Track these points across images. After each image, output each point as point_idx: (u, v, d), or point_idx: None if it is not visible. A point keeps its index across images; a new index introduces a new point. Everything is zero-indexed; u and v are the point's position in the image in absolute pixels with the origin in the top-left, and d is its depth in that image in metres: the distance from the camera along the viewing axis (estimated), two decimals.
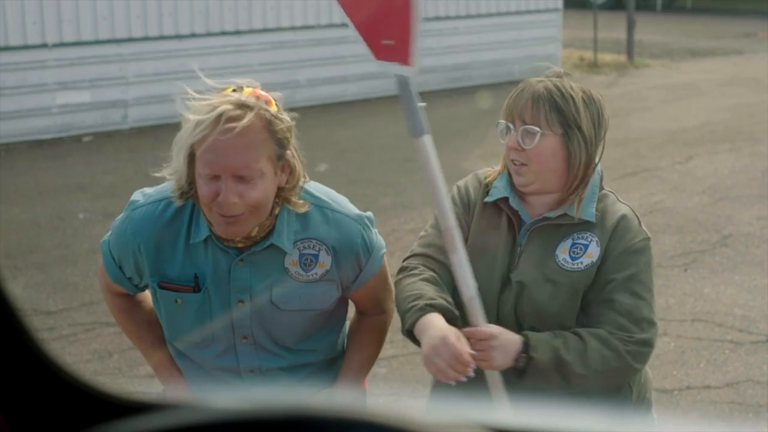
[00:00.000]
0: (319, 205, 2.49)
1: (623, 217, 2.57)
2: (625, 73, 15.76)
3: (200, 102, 2.33)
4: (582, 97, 2.53)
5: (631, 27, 16.71)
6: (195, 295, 2.46)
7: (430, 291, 2.51)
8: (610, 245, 2.53)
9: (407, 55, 2.33)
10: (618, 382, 2.59)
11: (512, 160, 2.54)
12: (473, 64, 14.35)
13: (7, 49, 10.44)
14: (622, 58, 16.75)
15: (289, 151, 2.37)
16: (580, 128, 2.51)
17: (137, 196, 2.55)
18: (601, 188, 2.62)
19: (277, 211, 2.42)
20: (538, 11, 15.22)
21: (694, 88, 14.07)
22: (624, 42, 16.98)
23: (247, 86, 2.37)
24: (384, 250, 2.60)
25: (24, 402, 0.90)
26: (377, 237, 2.60)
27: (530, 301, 2.53)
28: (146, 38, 11.37)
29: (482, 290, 2.47)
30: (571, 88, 2.54)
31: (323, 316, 2.57)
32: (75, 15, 10.82)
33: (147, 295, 2.68)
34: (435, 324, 2.39)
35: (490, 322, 2.47)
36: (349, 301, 2.68)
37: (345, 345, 2.73)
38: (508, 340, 2.43)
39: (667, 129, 11.28)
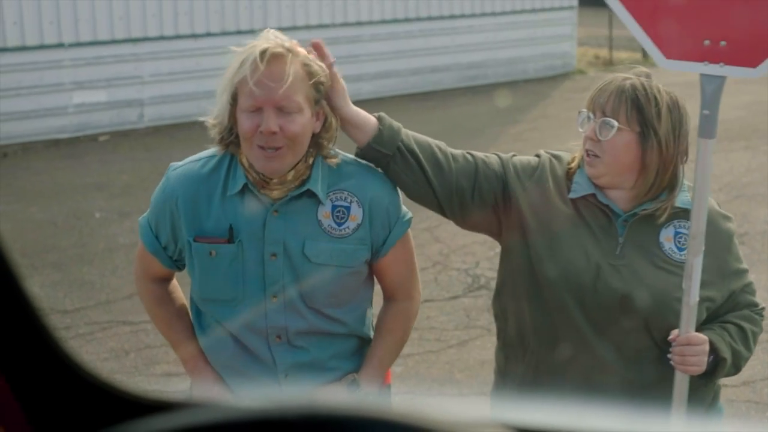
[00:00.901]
0: (351, 162, 2.61)
1: (711, 205, 2.65)
2: None
3: (240, 49, 2.48)
4: (667, 102, 2.56)
5: None
6: (229, 246, 2.52)
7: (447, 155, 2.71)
8: (711, 236, 2.59)
9: (751, 57, 2.40)
10: None
11: (587, 150, 2.59)
12: (488, 62, 14.33)
13: (23, 48, 10.49)
14: (638, 55, 16.69)
15: (324, 102, 2.50)
16: (656, 131, 2.54)
17: (174, 164, 2.66)
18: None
19: (311, 161, 2.52)
20: (553, 9, 15.19)
21: None
22: None
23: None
24: (410, 215, 2.66)
25: (44, 400, 0.91)
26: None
27: (646, 289, 2.57)
28: (162, 38, 11.41)
29: (576, 275, 2.56)
30: (658, 91, 2.56)
31: (352, 279, 2.59)
32: (91, 15, 10.86)
33: (178, 288, 2.76)
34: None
35: (583, 310, 2.56)
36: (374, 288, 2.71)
37: (371, 336, 2.75)
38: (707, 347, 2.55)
39: None
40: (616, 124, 2.52)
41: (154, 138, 10.88)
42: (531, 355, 2.73)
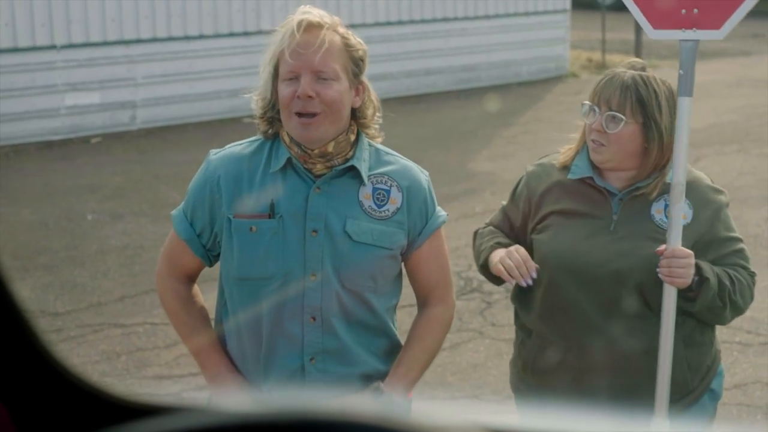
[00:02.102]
0: (389, 152, 2.70)
1: (704, 179, 2.90)
2: None
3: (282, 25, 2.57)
4: (665, 92, 2.80)
5: (639, 28, 16.69)
6: (270, 221, 2.54)
7: (499, 237, 2.96)
8: (700, 205, 2.82)
9: (717, 21, 2.82)
10: (737, 316, 2.90)
11: (593, 140, 2.81)
12: (481, 65, 14.34)
13: (15, 50, 10.47)
14: (630, 58, 16.72)
15: (364, 79, 2.60)
16: (657, 122, 2.77)
17: (213, 150, 2.70)
18: None
19: (353, 138, 2.59)
20: (546, 12, 15.21)
21: (702, 89, 14.04)
22: (632, 43, 16.95)
23: None
24: (446, 215, 2.73)
25: (31, 404, 0.90)
26: None
27: (639, 259, 2.76)
28: (155, 39, 11.39)
29: (579, 252, 2.79)
30: (656, 82, 2.81)
31: (389, 264, 2.62)
32: (84, 16, 10.84)
33: (200, 294, 2.76)
34: (502, 251, 2.84)
35: (587, 281, 2.79)
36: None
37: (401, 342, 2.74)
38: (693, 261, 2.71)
39: None
40: (623, 118, 2.76)
41: (147, 140, 10.87)
42: (537, 341, 2.91)
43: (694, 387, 2.86)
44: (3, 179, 9.28)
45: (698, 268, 2.71)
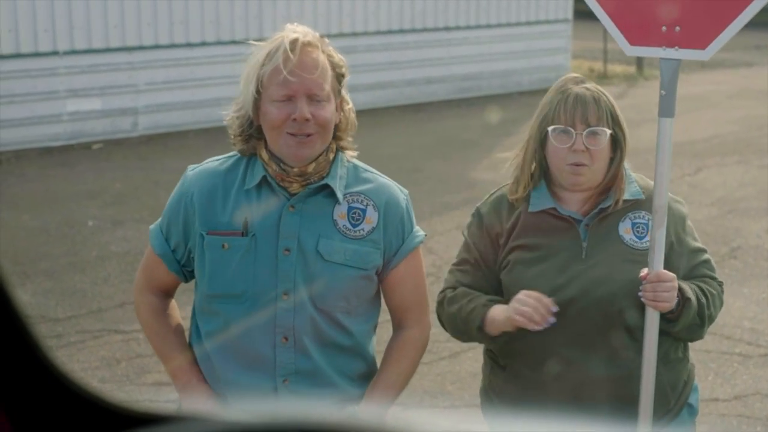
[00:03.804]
0: (368, 170, 2.67)
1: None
2: (635, 84, 15.75)
3: (263, 43, 2.54)
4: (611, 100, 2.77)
5: None
6: (242, 239, 2.52)
7: (482, 296, 2.74)
8: (667, 218, 2.73)
9: (702, 40, 2.70)
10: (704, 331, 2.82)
11: (572, 164, 2.68)
12: (482, 74, 14.35)
13: (18, 56, 10.48)
14: (632, 69, 16.74)
15: (344, 93, 2.58)
16: (623, 128, 2.73)
17: (192, 165, 2.69)
18: None
19: (332, 156, 2.57)
20: (548, 22, 15.22)
21: (704, 100, 14.06)
22: None
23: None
24: (424, 234, 2.69)
25: (30, 412, 0.90)
26: None
27: (619, 284, 2.69)
28: (157, 46, 11.41)
29: (557, 286, 2.67)
30: (603, 92, 2.76)
31: (363, 285, 2.58)
32: (86, 23, 10.86)
33: (176, 309, 2.74)
34: (504, 306, 2.64)
35: (563, 311, 2.64)
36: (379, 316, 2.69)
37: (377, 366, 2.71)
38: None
39: (677, 141, 11.23)
40: (606, 130, 2.67)
41: (148, 147, 10.87)
42: (519, 374, 2.81)
43: (674, 404, 2.84)
44: (4, 185, 9.29)
45: (680, 290, 2.65)
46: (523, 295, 2.59)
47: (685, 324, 2.69)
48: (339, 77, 2.54)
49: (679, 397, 2.85)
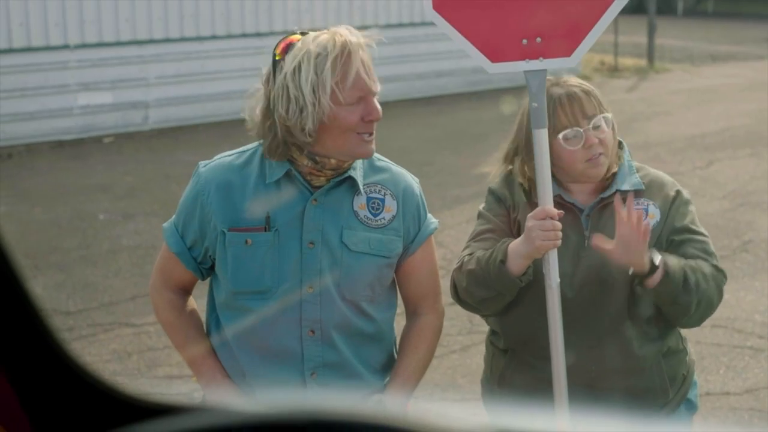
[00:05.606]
0: (381, 159, 2.71)
1: (665, 178, 2.86)
2: (646, 77, 15.70)
3: (308, 42, 2.50)
4: None
5: (652, 31, 16.64)
6: (265, 234, 2.53)
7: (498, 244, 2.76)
8: (667, 204, 2.78)
9: (566, 48, 2.68)
10: (706, 316, 2.79)
11: (592, 157, 2.72)
12: None
13: (29, 50, 10.50)
14: (643, 62, 16.70)
15: None
16: (607, 111, 2.77)
17: (202, 161, 2.67)
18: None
19: None
20: None
21: (715, 93, 14.01)
22: (645, 46, 16.92)
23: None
24: (437, 222, 2.73)
25: (46, 402, 0.90)
26: None
27: (617, 267, 2.69)
28: (167, 40, 11.42)
29: (562, 276, 2.67)
30: (580, 80, 2.82)
31: (387, 272, 2.62)
32: (97, 16, 10.87)
33: (195, 304, 2.73)
34: (520, 239, 2.65)
35: (571, 297, 2.71)
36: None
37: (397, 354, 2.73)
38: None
39: (688, 134, 11.24)
40: (609, 115, 2.75)
41: (159, 140, 10.89)
42: (525, 362, 2.84)
43: (672, 396, 2.85)
44: (15, 178, 9.32)
45: (655, 258, 2.64)
46: (532, 222, 2.59)
47: (671, 296, 2.65)
48: None
49: (678, 390, 2.86)
